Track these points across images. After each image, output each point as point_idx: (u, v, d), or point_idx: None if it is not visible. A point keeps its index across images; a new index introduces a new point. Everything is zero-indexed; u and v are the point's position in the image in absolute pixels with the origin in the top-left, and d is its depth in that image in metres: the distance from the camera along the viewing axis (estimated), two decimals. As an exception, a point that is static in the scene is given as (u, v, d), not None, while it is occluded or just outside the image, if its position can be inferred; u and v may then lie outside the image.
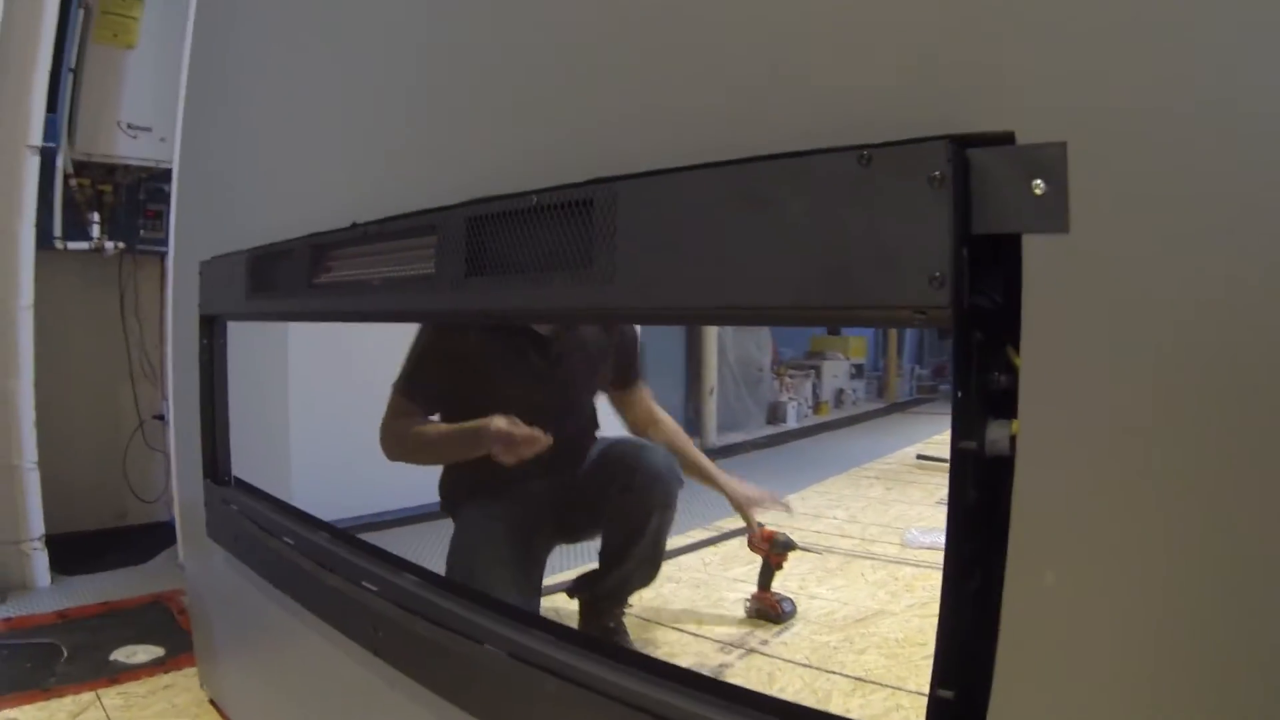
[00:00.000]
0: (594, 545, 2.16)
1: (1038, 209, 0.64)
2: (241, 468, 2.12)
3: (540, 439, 1.90)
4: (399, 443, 2.05)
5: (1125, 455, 0.62)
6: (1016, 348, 0.67)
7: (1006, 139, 0.67)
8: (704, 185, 0.85)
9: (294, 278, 1.60)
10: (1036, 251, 0.65)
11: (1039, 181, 0.64)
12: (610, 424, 2.36)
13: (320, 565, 1.56)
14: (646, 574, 2.15)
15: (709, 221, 0.84)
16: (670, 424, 2.31)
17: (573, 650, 1.06)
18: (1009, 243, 0.67)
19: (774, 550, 2.38)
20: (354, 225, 1.40)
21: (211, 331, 2.07)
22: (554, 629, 1.12)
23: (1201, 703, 0.59)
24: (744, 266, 0.81)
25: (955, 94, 0.70)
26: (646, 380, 2.30)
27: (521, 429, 1.90)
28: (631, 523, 2.04)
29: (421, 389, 2.05)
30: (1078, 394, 0.64)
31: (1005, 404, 0.68)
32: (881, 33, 0.75)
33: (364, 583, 1.44)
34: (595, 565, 2.15)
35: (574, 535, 2.23)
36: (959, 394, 0.70)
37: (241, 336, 2.14)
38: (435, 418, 2.05)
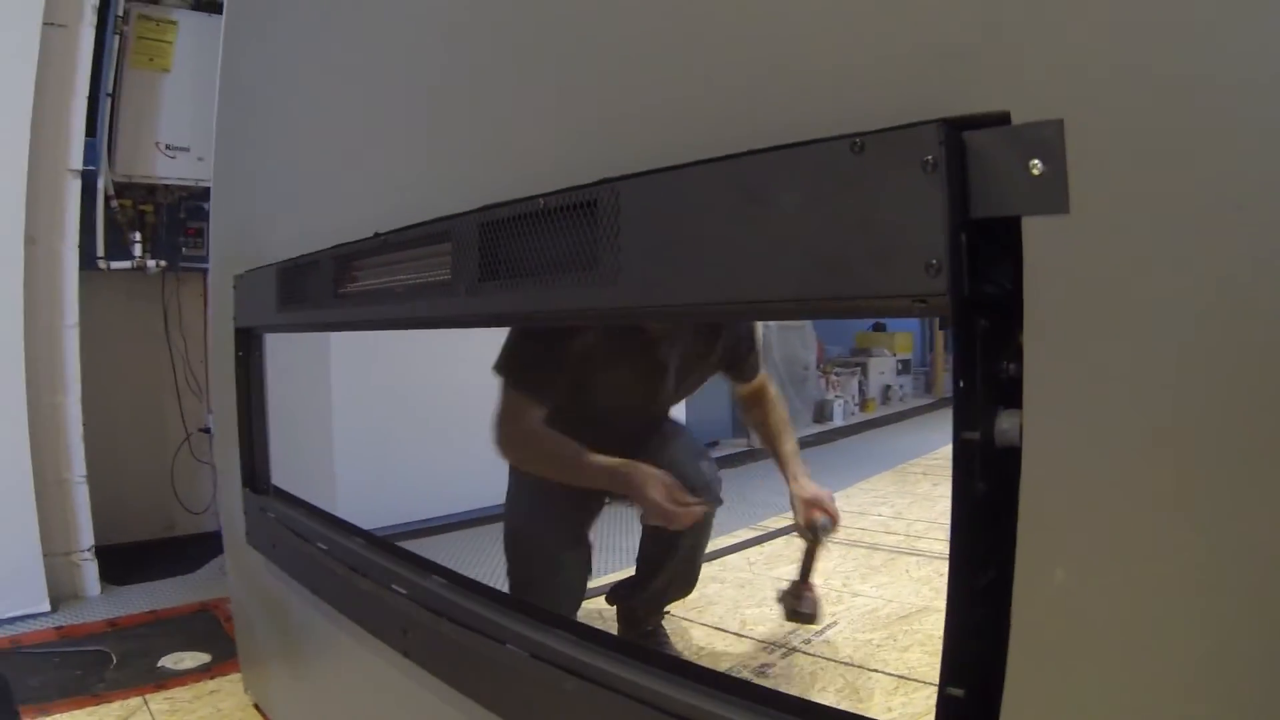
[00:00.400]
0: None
1: (1036, 190, 0.63)
2: (286, 478, 2.16)
3: (698, 514, 1.86)
4: (524, 446, 1.90)
5: (1136, 444, 0.60)
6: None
7: (1002, 119, 0.65)
8: (700, 181, 0.85)
9: (321, 288, 1.64)
10: (1037, 233, 0.64)
11: (1036, 161, 0.63)
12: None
13: (352, 570, 1.59)
14: (681, 587, 2.17)
15: (707, 217, 0.85)
16: (774, 412, 2.22)
17: (592, 650, 1.08)
18: (1013, 228, 0.65)
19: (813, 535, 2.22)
20: (375, 235, 1.44)
21: (247, 343, 2.11)
22: (574, 628, 1.14)
23: (1216, 699, 0.58)
24: (743, 261, 0.81)
25: (948, 76, 0.69)
26: (765, 370, 2.24)
27: (682, 503, 1.80)
28: (665, 536, 1.99)
29: (532, 378, 1.86)
30: (1085, 381, 0.62)
31: (1016, 393, 0.66)
32: (872, 19, 0.75)
33: (393, 586, 1.47)
34: (633, 571, 2.13)
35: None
36: (960, 383, 0.69)
37: (285, 349, 2.19)
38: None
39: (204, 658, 2.88)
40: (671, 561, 2.02)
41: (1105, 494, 0.62)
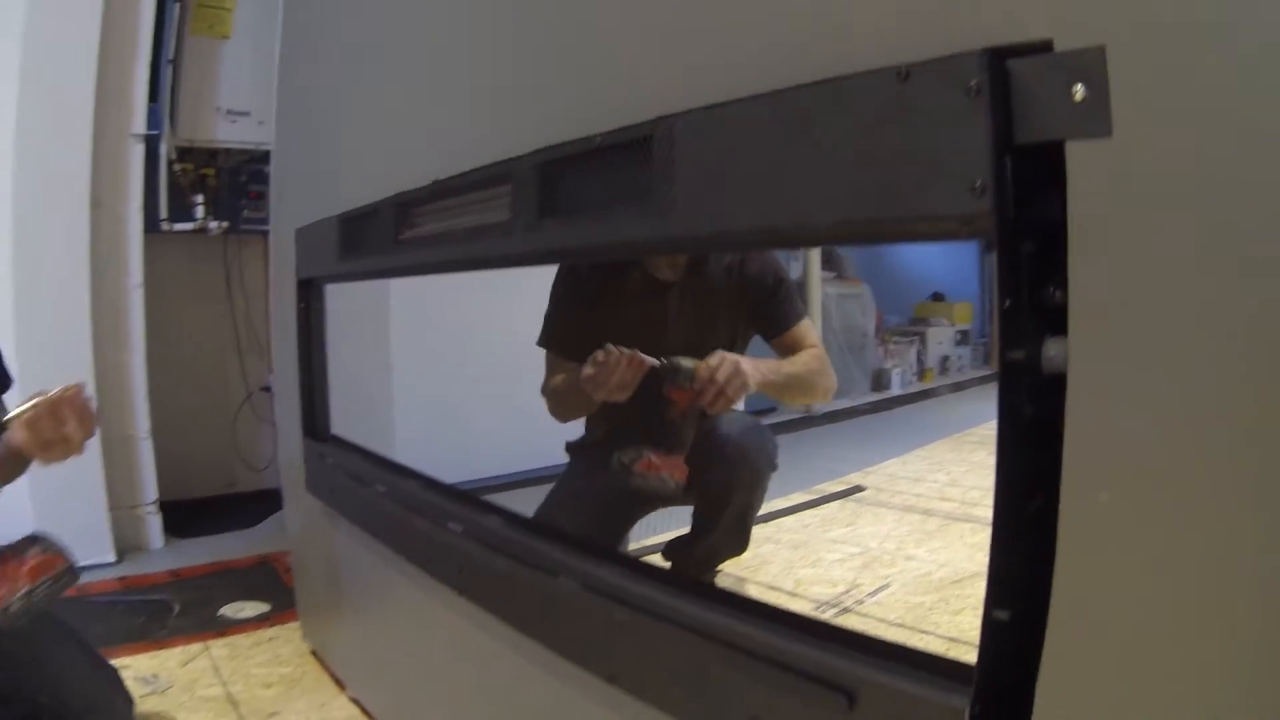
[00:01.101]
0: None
1: (1079, 115, 0.63)
2: (345, 432, 2.22)
3: (631, 361, 1.81)
4: (553, 396, 2.08)
5: (1181, 368, 0.61)
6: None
7: (1045, 47, 0.66)
8: (753, 115, 0.87)
9: (381, 236, 1.67)
10: (1080, 157, 0.64)
11: (1079, 86, 0.63)
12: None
13: (409, 510, 1.64)
14: (734, 546, 2.17)
15: (758, 149, 0.87)
16: (803, 355, 2.07)
17: (640, 580, 1.11)
18: (1057, 155, 0.65)
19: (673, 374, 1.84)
20: (434, 182, 1.47)
21: (308, 295, 2.16)
22: (623, 561, 1.17)
23: (1261, 614, 0.58)
24: (793, 189, 0.83)
25: (993, 6, 0.69)
26: (805, 318, 2.13)
27: (611, 355, 1.81)
28: (718, 497, 2.03)
29: (563, 342, 2.07)
30: (1130, 304, 0.63)
31: (1062, 322, 0.67)
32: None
33: (450, 524, 1.50)
34: (688, 529, 2.15)
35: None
36: (1006, 302, 0.69)
37: (344, 306, 2.24)
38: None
39: (263, 607, 2.95)
40: (725, 519, 2.04)
41: (1150, 418, 0.62)
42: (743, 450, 1.98)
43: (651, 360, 1.83)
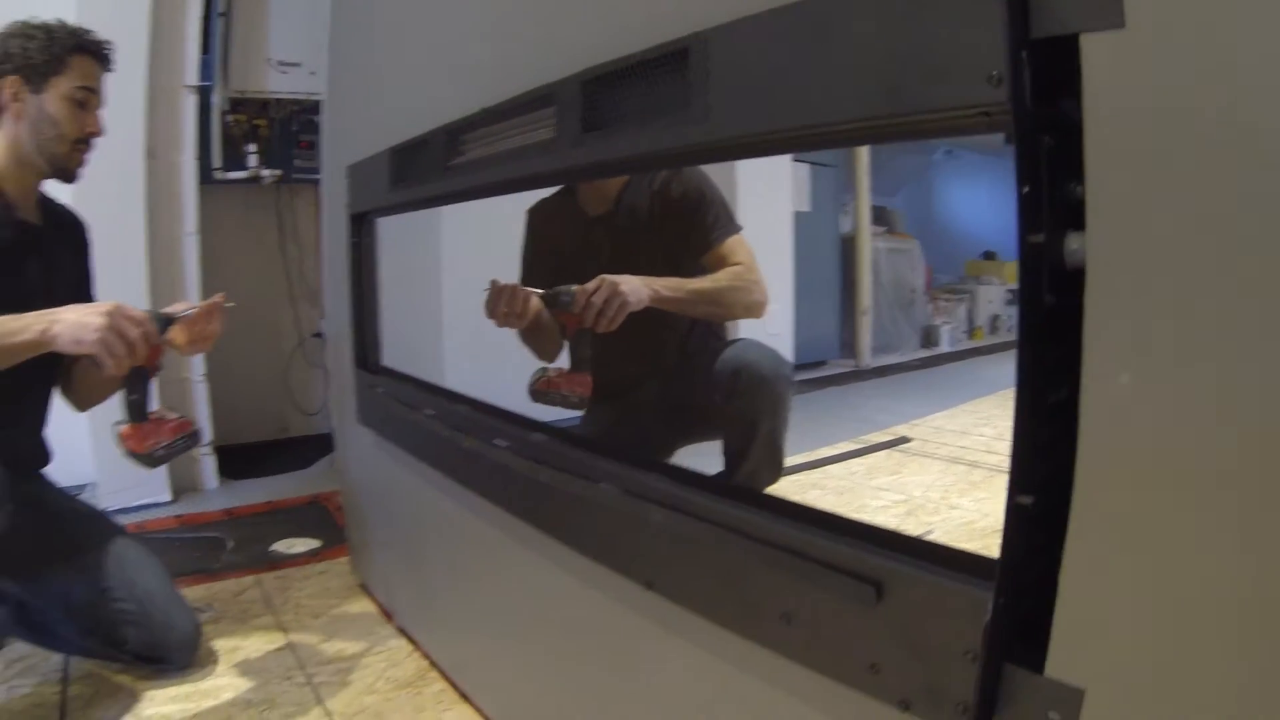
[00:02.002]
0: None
1: (1091, 6, 0.64)
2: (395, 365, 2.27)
3: (514, 292, 1.92)
4: (522, 341, 2.14)
5: (1197, 256, 0.61)
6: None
7: None
8: (780, 23, 0.89)
9: (431, 164, 1.71)
10: (1094, 51, 0.65)
11: None
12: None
13: (457, 430, 1.68)
14: (772, 470, 2.15)
15: (787, 55, 0.89)
16: (721, 271, 2.05)
17: (678, 483, 1.14)
18: (1074, 51, 0.66)
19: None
20: (483, 110, 1.50)
21: (360, 229, 2.21)
22: (660, 468, 1.20)
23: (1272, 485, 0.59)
24: (820, 90, 0.85)
25: None
26: (732, 235, 2.07)
27: (493, 288, 1.93)
28: (744, 428, 2.04)
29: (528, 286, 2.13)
30: (1145, 194, 0.64)
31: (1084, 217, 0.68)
32: None
33: (496, 440, 1.54)
34: (722, 467, 2.15)
35: (693, 438, 2.24)
36: (1024, 189, 0.70)
37: (395, 241, 2.28)
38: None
39: (314, 543, 3.03)
40: (757, 446, 2.05)
41: (1167, 304, 0.63)
42: (760, 376, 1.99)
43: (535, 290, 1.92)
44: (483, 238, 2.34)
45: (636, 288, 1.89)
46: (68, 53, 1.98)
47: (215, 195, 3.90)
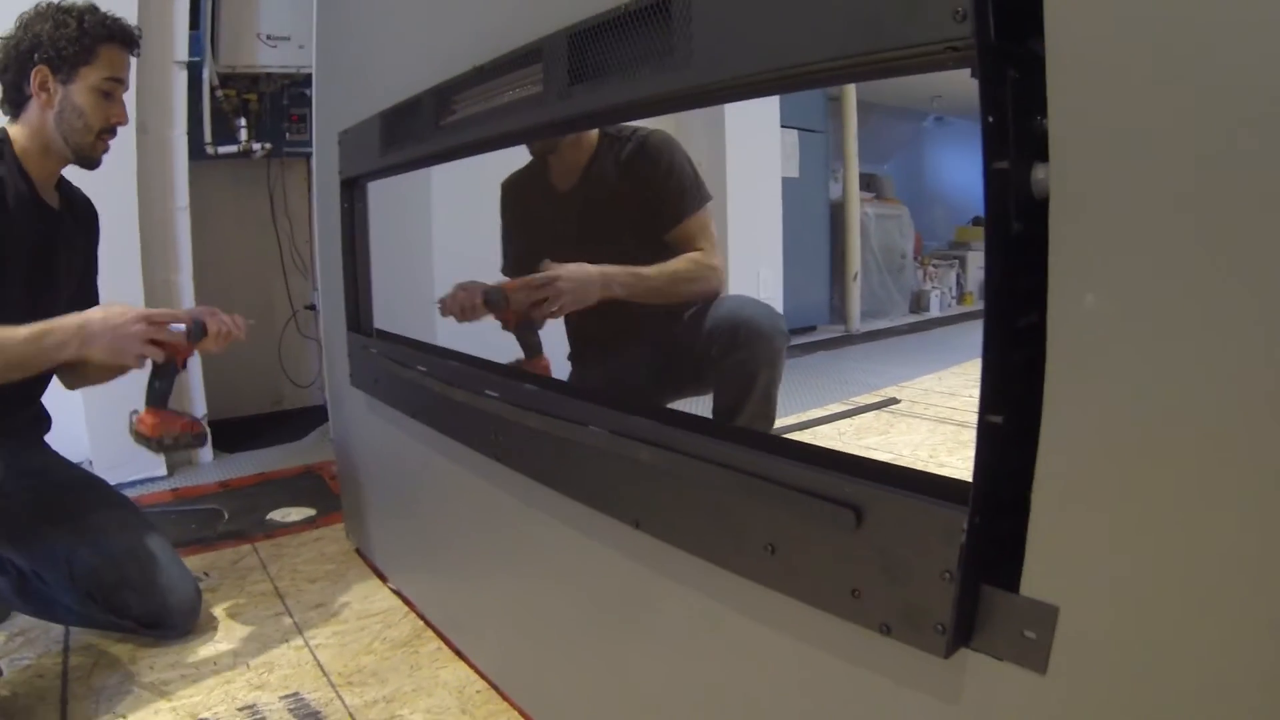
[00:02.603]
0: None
1: None
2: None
3: (466, 292, 2.02)
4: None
5: (1155, 180, 0.64)
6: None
7: None
8: None
9: (422, 124, 1.73)
10: None
11: None
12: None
13: (448, 384, 1.70)
14: (765, 425, 2.19)
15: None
16: (675, 261, 2.00)
17: (664, 423, 1.17)
18: None
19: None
20: (475, 68, 1.51)
21: (351, 194, 2.22)
22: (645, 410, 1.22)
23: (1245, 404, 0.61)
24: (794, 33, 0.88)
25: None
26: (698, 209, 2.02)
27: (449, 293, 2.04)
28: (741, 382, 2.02)
29: (508, 267, 2.21)
30: (1105, 125, 0.66)
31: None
32: None
33: (487, 391, 1.57)
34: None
35: (683, 393, 2.19)
36: (989, 119, 0.73)
37: (385, 210, 2.30)
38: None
39: (309, 511, 3.06)
40: (753, 399, 2.05)
41: (1128, 228, 0.66)
42: (757, 330, 1.98)
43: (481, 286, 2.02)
44: (473, 200, 2.35)
45: (585, 282, 1.90)
46: (98, 43, 1.98)
47: (206, 170, 3.91)
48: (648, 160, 2.04)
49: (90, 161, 2.07)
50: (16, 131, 2.00)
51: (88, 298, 2.22)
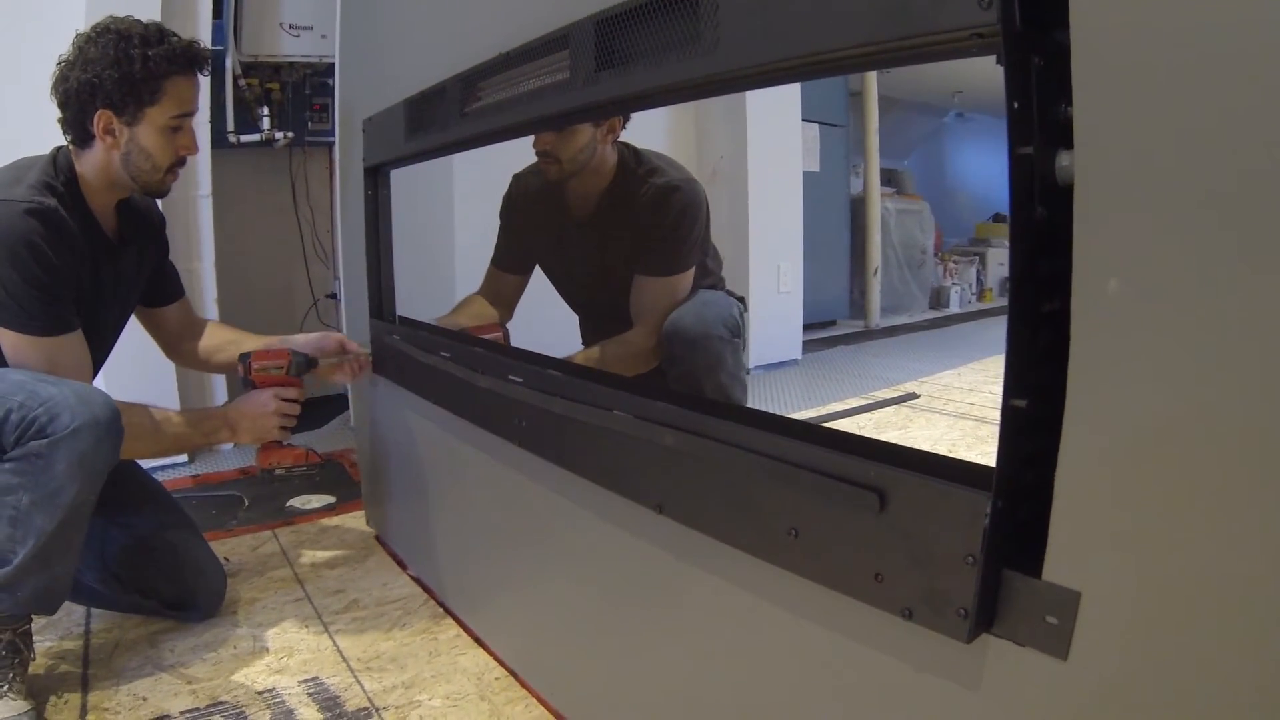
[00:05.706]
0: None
1: None
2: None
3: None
4: None
5: (1179, 167, 0.63)
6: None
7: None
8: None
9: (447, 111, 1.74)
10: None
11: None
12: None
13: (472, 370, 1.71)
14: None
15: None
16: (615, 341, 2.06)
17: (684, 409, 1.17)
18: None
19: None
20: (501, 55, 1.52)
21: (375, 181, 2.24)
22: (669, 396, 1.23)
23: (1269, 390, 0.61)
24: (820, 20, 0.88)
25: None
26: (672, 276, 2.03)
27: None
28: (700, 390, 2.00)
29: (501, 260, 2.29)
30: (1129, 112, 0.66)
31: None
32: None
33: (510, 376, 1.58)
34: None
35: None
36: (1015, 105, 0.73)
37: (407, 199, 2.31)
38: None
39: (329, 499, 3.08)
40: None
41: (1152, 213, 0.66)
42: (684, 338, 1.96)
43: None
44: (495, 188, 2.35)
45: None
46: (163, 80, 1.86)
47: (229, 158, 3.91)
48: (661, 207, 2.02)
49: (159, 193, 2.01)
50: (82, 165, 1.91)
51: (126, 311, 2.22)
